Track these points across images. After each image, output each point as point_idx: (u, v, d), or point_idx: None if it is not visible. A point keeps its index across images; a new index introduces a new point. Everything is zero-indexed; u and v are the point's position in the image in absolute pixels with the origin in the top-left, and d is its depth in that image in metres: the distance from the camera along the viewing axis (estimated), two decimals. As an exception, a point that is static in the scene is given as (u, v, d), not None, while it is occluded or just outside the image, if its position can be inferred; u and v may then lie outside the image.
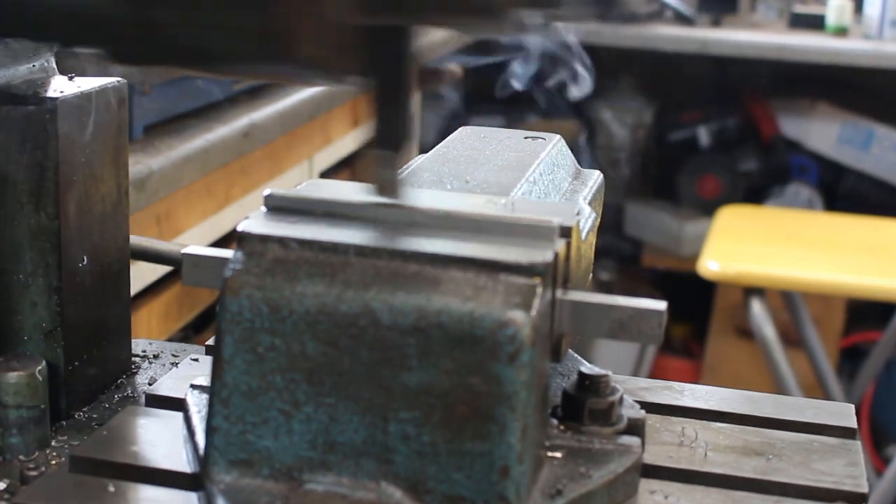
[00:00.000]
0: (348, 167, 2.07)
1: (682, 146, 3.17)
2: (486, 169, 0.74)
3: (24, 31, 0.65)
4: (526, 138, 0.81)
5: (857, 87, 3.10)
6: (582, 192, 0.77)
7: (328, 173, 1.92)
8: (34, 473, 0.63)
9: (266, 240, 0.59)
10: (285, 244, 0.59)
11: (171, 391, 0.71)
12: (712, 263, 2.25)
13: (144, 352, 0.81)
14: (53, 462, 0.66)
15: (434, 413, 0.56)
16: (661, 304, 0.61)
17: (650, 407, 0.71)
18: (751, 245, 2.40)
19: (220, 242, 1.48)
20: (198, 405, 0.65)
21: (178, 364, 0.78)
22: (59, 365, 0.71)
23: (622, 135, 3.18)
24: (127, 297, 0.78)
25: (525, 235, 0.60)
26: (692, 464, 0.66)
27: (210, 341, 0.72)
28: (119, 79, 0.75)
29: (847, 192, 3.12)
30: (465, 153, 0.78)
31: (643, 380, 0.76)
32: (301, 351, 0.57)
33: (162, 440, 0.65)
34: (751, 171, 3.12)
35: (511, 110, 3.11)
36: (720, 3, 3.00)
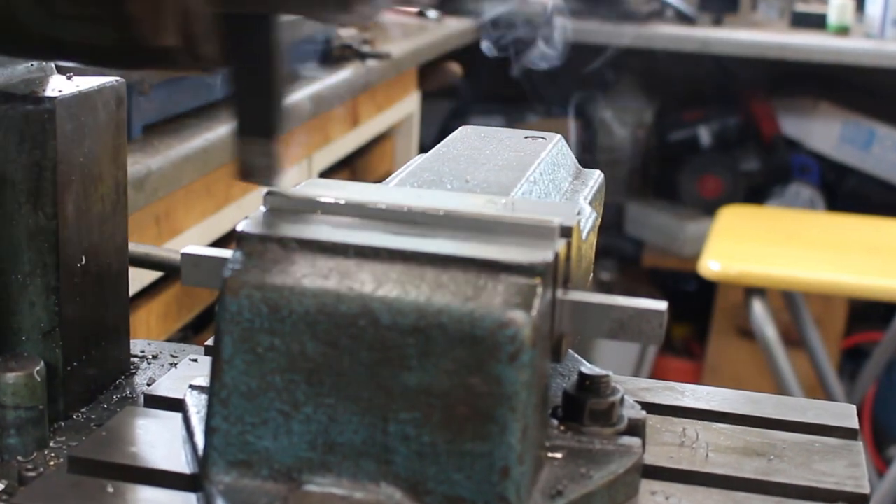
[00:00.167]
0: (347, 167, 2.07)
1: (682, 146, 3.17)
2: (486, 168, 0.74)
3: None
4: (526, 138, 0.81)
5: (858, 86, 3.10)
6: (582, 192, 0.76)
7: (327, 173, 1.92)
8: (32, 474, 0.63)
9: (265, 240, 0.59)
10: (285, 244, 0.59)
11: (170, 392, 0.71)
12: (713, 263, 2.24)
13: (143, 352, 0.81)
14: (52, 463, 0.66)
15: (434, 413, 0.56)
16: (662, 305, 0.60)
17: (651, 407, 0.70)
18: (752, 245, 2.40)
19: (220, 242, 1.48)
20: (197, 406, 0.65)
21: (176, 364, 0.77)
22: (58, 365, 0.71)
23: (623, 134, 3.18)
24: (126, 297, 0.78)
25: (525, 235, 0.60)
26: (693, 464, 0.66)
27: (209, 342, 0.71)
28: (118, 78, 0.74)
29: (848, 191, 3.12)
30: (466, 153, 0.78)
31: (644, 380, 0.76)
32: (300, 351, 0.57)
33: (161, 441, 0.65)
34: (752, 170, 3.12)
35: (511, 109, 3.11)
36: (721, 1, 3.00)
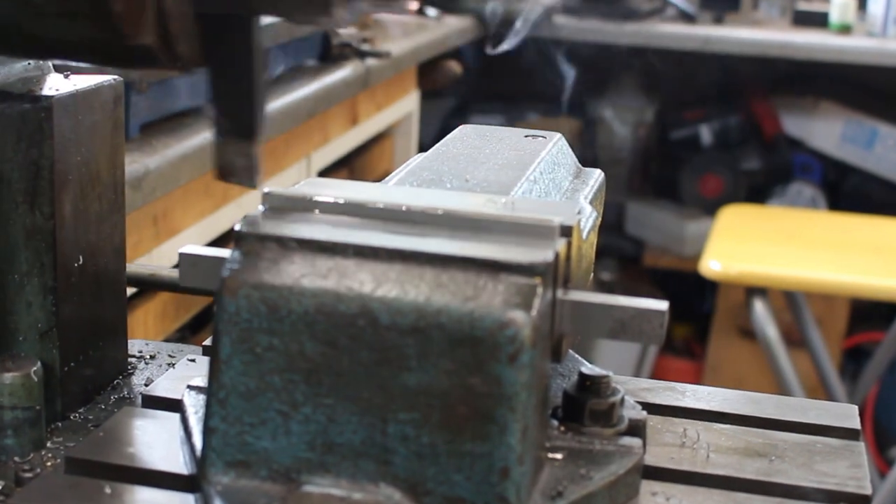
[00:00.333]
0: (346, 166, 2.07)
1: (683, 145, 3.17)
2: (486, 167, 0.74)
3: None
4: (526, 136, 0.81)
5: (860, 85, 3.09)
6: (583, 191, 0.76)
7: (326, 172, 1.91)
8: (29, 475, 0.63)
9: (264, 239, 0.59)
10: (283, 243, 0.59)
11: (167, 392, 0.71)
12: (714, 263, 2.24)
13: (141, 352, 0.81)
14: (49, 464, 0.66)
15: (433, 414, 0.56)
16: (663, 304, 0.60)
17: (651, 408, 0.70)
18: (753, 244, 2.40)
19: (218, 242, 1.48)
20: (195, 406, 0.65)
21: (174, 365, 0.77)
22: (55, 365, 0.71)
23: (624, 133, 3.18)
24: (123, 297, 0.78)
25: (525, 235, 0.59)
26: (694, 465, 0.65)
27: (207, 342, 0.71)
28: (115, 77, 0.74)
29: (850, 191, 3.12)
30: (465, 152, 0.77)
31: (644, 380, 0.76)
32: (299, 351, 0.57)
33: (159, 441, 0.65)
34: (753, 169, 3.12)
35: (511, 108, 3.10)
36: (722, 0, 2.99)
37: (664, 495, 0.63)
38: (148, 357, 0.80)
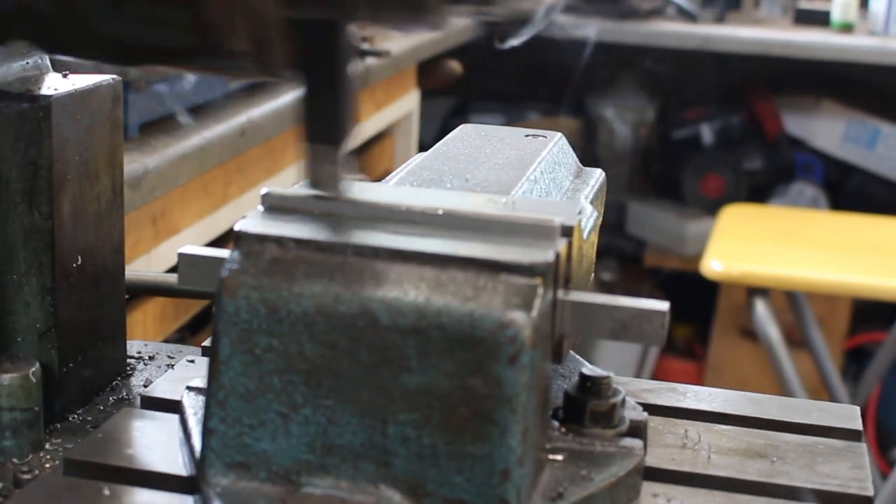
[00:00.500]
0: (348, 166, 2.06)
1: (685, 144, 3.17)
2: (486, 167, 0.74)
3: None
4: (527, 136, 0.81)
5: (862, 84, 3.09)
6: (583, 191, 0.76)
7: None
8: (27, 477, 0.63)
9: (263, 239, 0.59)
10: (283, 244, 0.58)
11: (166, 393, 0.71)
12: (715, 263, 2.24)
13: (140, 353, 0.81)
14: (47, 465, 0.65)
15: (434, 415, 0.55)
16: (664, 305, 0.60)
17: (652, 409, 0.70)
18: (755, 245, 2.39)
19: (217, 242, 1.47)
20: (194, 407, 0.65)
21: (173, 366, 0.77)
22: (53, 366, 0.71)
23: (624, 132, 3.18)
24: (122, 297, 0.78)
25: (526, 235, 0.59)
26: (695, 466, 0.65)
27: (206, 342, 0.71)
28: (114, 76, 0.74)
29: (852, 190, 3.11)
30: (466, 151, 0.77)
31: (645, 381, 0.76)
32: (299, 352, 0.57)
33: (158, 443, 0.65)
34: (755, 169, 3.12)
35: (512, 108, 3.10)
36: (724, -1, 3.00)
37: (665, 497, 0.62)
38: (147, 358, 0.80)
